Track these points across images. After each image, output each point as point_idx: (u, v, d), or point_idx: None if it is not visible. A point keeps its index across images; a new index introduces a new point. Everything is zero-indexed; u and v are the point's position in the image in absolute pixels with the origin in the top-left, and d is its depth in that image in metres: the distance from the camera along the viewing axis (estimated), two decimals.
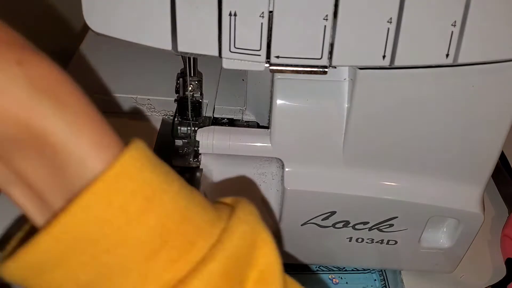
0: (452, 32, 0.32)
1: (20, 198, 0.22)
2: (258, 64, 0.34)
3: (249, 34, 0.32)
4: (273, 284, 0.24)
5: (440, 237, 0.47)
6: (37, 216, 0.22)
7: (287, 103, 0.40)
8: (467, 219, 0.44)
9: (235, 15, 0.31)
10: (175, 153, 0.45)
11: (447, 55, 0.33)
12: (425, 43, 0.33)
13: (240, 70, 0.34)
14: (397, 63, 0.33)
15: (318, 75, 0.35)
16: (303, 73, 0.34)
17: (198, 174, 0.41)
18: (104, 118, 0.22)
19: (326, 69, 0.34)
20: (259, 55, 0.33)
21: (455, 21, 0.32)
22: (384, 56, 0.33)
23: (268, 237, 0.25)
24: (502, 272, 0.52)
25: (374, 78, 0.37)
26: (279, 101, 0.40)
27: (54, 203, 0.21)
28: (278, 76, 0.40)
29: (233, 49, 0.33)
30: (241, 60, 0.33)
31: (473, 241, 0.46)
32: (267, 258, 0.24)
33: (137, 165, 0.21)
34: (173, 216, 0.21)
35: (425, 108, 0.38)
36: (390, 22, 0.32)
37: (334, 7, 0.31)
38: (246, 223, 0.24)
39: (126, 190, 0.20)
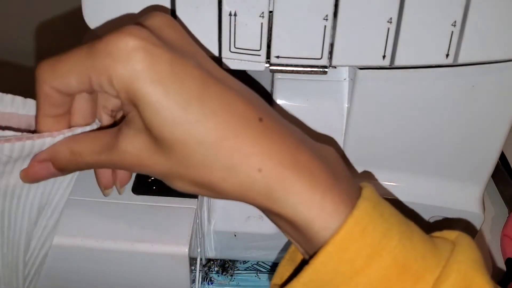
0: (452, 32, 0.32)
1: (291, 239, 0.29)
2: (258, 64, 0.34)
3: (249, 34, 0.32)
4: None
5: None
6: (303, 254, 0.30)
7: (287, 103, 0.40)
8: (467, 219, 0.44)
9: (235, 15, 0.31)
10: None
11: (447, 55, 0.33)
12: (425, 43, 0.33)
13: (240, 70, 0.34)
14: (397, 63, 0.33)
15: (318, 75, 0.35)
16: (303, 73, 0.34)
17: None
18: (338, 185, 0.27)
19: (326, 69, 0.34)
20: (259, 55, 0.33)
21: (455, 21, 0.32)
22: (384, 56, 0.33)
23: (483, 280, 0.27)
24: (502, 272, 0.52)
25: (374, 78, 0.37)
26: (279, 101, 0.40)
27: (306, 252, 0.28)
28: (278, 76, 0.40)
29: (233, 49, 0.33)
30: (241, 60, 0.33)
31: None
32: None
33: (359, 229, 0.26)
34: (392, 268, 0.26)
35: (425, 108, 0.38)
36: (390, 22, 0.32)
37: (334, 7, 0.31)
38: (458, 271, 0.27)
39: (352, 250, 0.26)
